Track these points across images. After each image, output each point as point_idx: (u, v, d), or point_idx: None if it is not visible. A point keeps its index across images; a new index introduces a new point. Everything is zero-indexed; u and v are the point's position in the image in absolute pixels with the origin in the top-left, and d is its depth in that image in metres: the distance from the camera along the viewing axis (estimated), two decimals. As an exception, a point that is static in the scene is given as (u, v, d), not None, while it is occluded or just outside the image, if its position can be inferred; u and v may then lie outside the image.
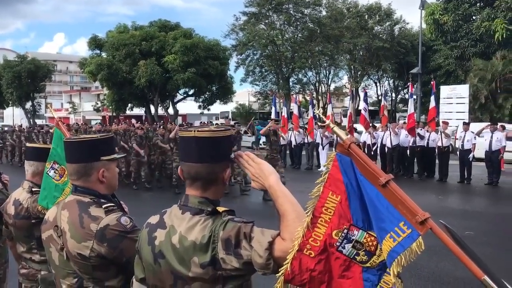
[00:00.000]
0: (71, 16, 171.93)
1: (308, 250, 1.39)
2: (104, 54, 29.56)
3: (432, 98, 14.28)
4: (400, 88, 42.98)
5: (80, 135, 2.42)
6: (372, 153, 15.12)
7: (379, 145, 14.96)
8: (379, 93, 42.68)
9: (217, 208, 1.53)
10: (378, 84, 44.15)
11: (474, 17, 14.08)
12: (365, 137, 15.33)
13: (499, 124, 14.33)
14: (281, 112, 19.00)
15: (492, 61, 25.19)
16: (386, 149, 14.60)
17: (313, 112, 15.99)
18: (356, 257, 1.38)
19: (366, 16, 38.00)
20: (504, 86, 26.48)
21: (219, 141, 1.57)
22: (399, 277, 1.31)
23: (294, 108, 18.15)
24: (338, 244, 1.39)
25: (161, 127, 14.10)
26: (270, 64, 39.02)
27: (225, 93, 30.93)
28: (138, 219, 1.95)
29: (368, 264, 1.38)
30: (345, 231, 1.39)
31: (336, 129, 1.42)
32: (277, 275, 1.40)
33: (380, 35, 37.98)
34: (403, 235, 1.27)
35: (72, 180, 2.06)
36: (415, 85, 22.66)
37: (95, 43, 30.04)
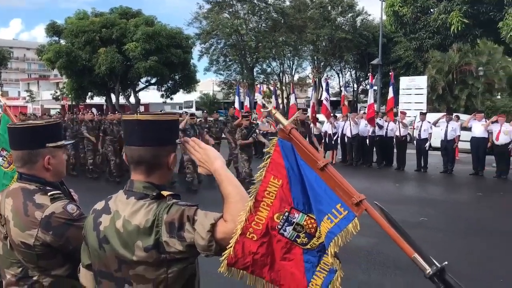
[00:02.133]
0: (28, 1, 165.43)
1: (251, 234, 1.41)
2: (62, 41, 28.62)
3: (391, 88, 14.61)
4: (361, 79, 43.78)
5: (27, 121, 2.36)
6: (333, 142, 15.39)
7: (339, 134, 15.22)
8: (341, 83, 43.32)
9: (162, 192, 1.53)
10: (340, 75, 44.84)
11: (431, 10, 14.41)
12: (326, 127, 15.54)
13: (454, 114, 14.84)
14: (245, 102, 18.99)
15: (449, 53, 26.04)
16: (346, 138, 14.87)
17: (259, 100, 16.14)
18: (297, 239, 1.42)
19: (329, 7, 38.38)
20: (460, 77, 27.46)
21: (162, 125, 1.58)
22: (337, 258, 1.36)
23: (258, 98, 18.21)
24: (279, 227, 1.42)
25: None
26: (234, 54, 38.89)
27: (189, 82, 30.58)
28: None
29: (308, 246, 1.42)
30: (286, 214, 1.42)
31: (277, 115, 1.44)
32: (220, 259, 1.42)
33: (343, 27, 38.46)
34: (340, 216, 1.31)
35: (17, 167, 2.01)
36: (375, 76, 23.13)
37: (53, 29, 29.03)
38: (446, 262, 1.17)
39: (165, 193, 1.53)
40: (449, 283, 1.14)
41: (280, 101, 37.27)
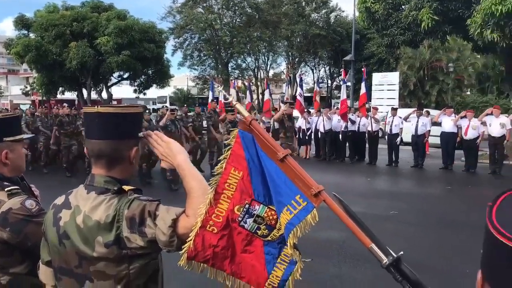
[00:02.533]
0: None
1: (211, 226, 1.40)
2: (32, 35, 27.89)
3: (363, 84, 14.78)
4: (335, 75, 44.12)
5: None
6: (307, 137, 15.50)
7: (313, 130, 15.34)
8: (316, 79, 43.59)
9: (123, 187, 1.51)
10: (315, 70, 45.08)
11: (403, 7, 14.62)
12: (300, 122, 15.63)
13: (425, 109, 15.13)
14: (219, 97, 18.89)
15: (420, 50, 26.49)
16: (320, 134, 14.99)
17: (217, 93, 16.18)
18: (257, 231, 1.42)
19: (303, 3, 38.49)
20: (431, 73, 27.99)
21: (123, 117, 1.55)
22: (297, 249, 1.36)
23: (233, 93, 18.14)
24: (240, 219, 1.41)
25: None
26: (209, 49, 38.64)
27: (162, 77, 30.23)
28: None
29: (269, 238, 1.42)
30: (247, 206, 1.41)
31: (238, 106, 1.43)
32: (180, 252, 1.40)
33: (317, 23, 38.63)
34: (299, 207, 1.31)
35: (-27, 163, 1.94)
36: (348, 72, 23.35)
37: (22, 22, 28.23)
38: (402, 252, 1.18)
39: (126, 187, 1.50)
40: (405, 272, 1.16)
41: (255, 96, 37.31)
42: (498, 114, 12.02)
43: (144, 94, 32.04)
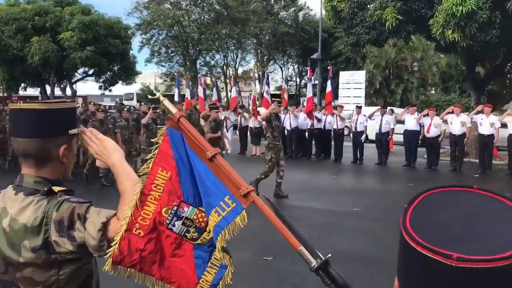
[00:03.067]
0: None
1: (137, 230, 1.33)
2: (-9, 29, 26.95)
3: (329, 82, 14.89)
4: (304, 73, 44.37)
5: None
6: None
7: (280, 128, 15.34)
8: (284, 78, 43.77)
9: (53, 187, 1.42)
10: (283, 68, 45.24)
11: (368, 6, 14.77)
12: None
13: (389, 108, 15.38)
14: (186, 94, 18.68)
15: (386, 49, 26.94)
16: (286, 131, 15.01)
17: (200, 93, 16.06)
18: (186, 234, 1.35)
19: (272, 1, 38.53)
20: (396, 72, 28.52)
21: (49, 114, 1.45)
22: (227, 252, 1.30)
23: (200, 90, 17.96)
24: (168, 222, 1.35)
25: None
26: (177, 45, 38.23)
27: (128, 74, 29.74)
28: None
29: (199, 241, 1.35)
30: (175, 208, 1.35)
31: (165, 102, 1.36)
32: (105, 257, 1.32)
33: (285, 21, 38.75)
34: (228, 209, 1.26)
35: None
36: (315, 70, 23.52)
37: (-20, 16, 27.27)
38: (329, 255, 1.14)
39: (56, 188, 1.42)
40: (333, 275, 1.12)
41: (224, 94, 37.12)
42: (458, 112, 12.31)
43: (110, 90, 31.45)
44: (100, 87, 31.01)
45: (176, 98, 17.73)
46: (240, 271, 5.21)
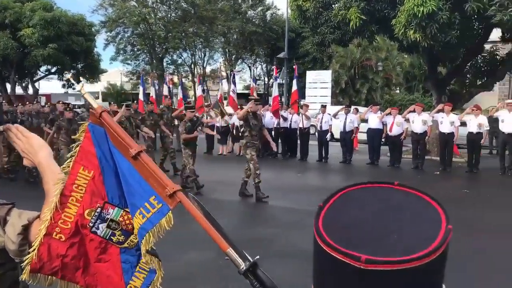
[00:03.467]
0: None
1: (58, 234, 1.24)
2: None
3: (295, 81, 14.95)
4: (272, 73, 44.48)
5: None
6: (240, 134, 15.42)
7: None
8: (253, 77, 43.78)
9: None
10: (252, 68, 45.20)
11: (333, 5, 14.88)
12: (234, 119, 15.54)
13: (353, 107, 15.56)
14: (151, 93, 18.40)
15: (351, 49, 27.27)
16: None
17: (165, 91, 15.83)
18: (112, 237, 1.27)
19: (240, 0, 38.45)
20: (361, 72, 28.92)
21: None
22: (156, 256, 1.23)
23: (165, 89, 17.71)
24: (91, 224, 1.26)
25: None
26: (143, 43, 37.59)
27: (92, 72, 29.10)
28: None
29: (125, 245, 1.28)
30: (99, 210, 1.26)
31: (87, 96, 1.27)
32: (22, 265, 1.23)
33: (253, 20, 38.74)
34: (153, 210, 1.18)
35: None
36: (282, 70, 23.59)
37: None
38: (258, 257, 1.08)
39: None
40: (261, 278, 1.06)
41: (192, 92, 36.74)
42: (420, 111, 12.55)
43: (74, 89, 30.69)
44: (63, 86, 30.22)
45: (141, 97, 17.43)
46: (203, 272, 5.11)
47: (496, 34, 14.69)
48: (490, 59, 15.25)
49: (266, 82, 44.52)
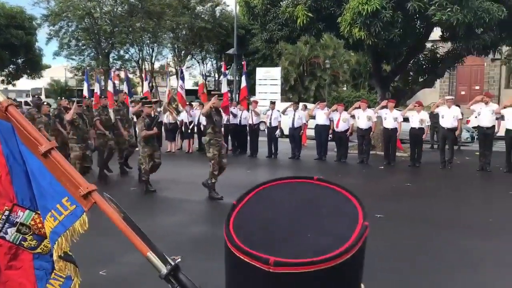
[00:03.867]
0: None
1: None
2: None
3: (243, 78, 14.91)
4: (222, 69, 44.31)
5: None
6: (190, 131, 15.26)
7: (195, 123, 15.12)
8: (203, 73, 43.50)
9: None
10: (201, 64, 44.83)
11: (280, 2, 14.95)
12: (182, 116, 15.34)
13: (302, 103, 15.75)
14: (95, 89, 17.78)
15: (300, 46, 27.59)
16: (202, 127, 14.82)
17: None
18: (23, 242, 1.17)
19: (188, -5, 37.96)
20: (309, 69, 29.33)
21: None
22: (71, 261, 1.14)
23: (110, 85, 17.18)
24: None
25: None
26: (88, 38, 36.34)
27: (33, 67, 27.85)
28: None
29: (39, 250, 1.18)
30: (7, 212, 1.15)
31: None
32: None
33: (202, 16, 38.35)
34: (65, 212, 1.09)
35: None
36: (231, 66, 23.53)
37: None
38: (179, 259, 1.02)
39: None
40: (183, 282, 1.00)
41: (140, 89, 35.89)
42: (365, 107, 12.87)
43: (13, 85, 29.25)
44: (2, 81, 28.72)
45: (85, 93, 16.83)
46: (146, 273, 4.96)
47: (437, 33, 15.32)
48: (431, 57, 15.86)
49: (216, 79, 44.27)
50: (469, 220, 6.96)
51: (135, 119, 12.27)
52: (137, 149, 9.84)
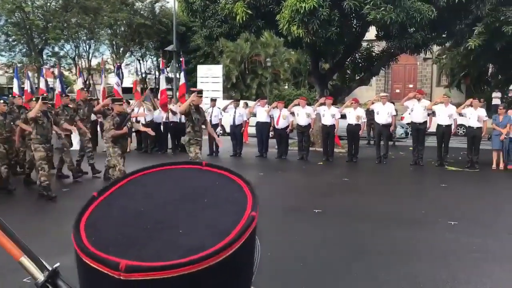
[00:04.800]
0: None
1: None
2: None
3: (182, 75, 14.67)
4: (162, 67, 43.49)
5: None
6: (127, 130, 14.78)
7: (134, 121, 14.66)
8: (143, 70, 42.59)
9: None
10: (141, 61, 43.78)
11: (220, -1, 14.85)
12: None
13: (242, 101, 15.72)
14: (25, 86, 16.86)
15: (241, 44, 27.60)
16: (141, 125, 14.41)
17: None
18: None
19: (127, -9, 36.91)
20: (251, 67, 29.42)
21: None
22: None
23: (42, 82, 16.34)
24: None
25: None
26: (19, 33, 34.41)
27: (-44, 64, 25.97)
28: None
29: None
30: None
31: None
32: None
33: (142, 12, 37.45)
34: None
35: None
36: (171, 63, 23.13)
37: None
38: (58, 264, 0.88)
39: None
40: (62, 288, 0.87)
41: (76, 87, 34.41)
42: (304, 105, 13.01)
43: None
44: None
45: (15, 91, 15.95)
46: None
47: (373, 32, 15.77)
48: (367, 55, 16.33)
49: (157, 76, 43.40)
50: (403, 213, 7.18)
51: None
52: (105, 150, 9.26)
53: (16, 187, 8.78)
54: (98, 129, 14.08)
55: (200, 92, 8.44)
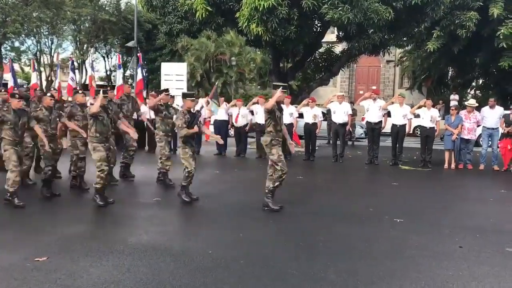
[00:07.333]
0: None
1: None
2: None
3: (139, 70, 14.43)
4: (128, 63, 42.84)
5: None
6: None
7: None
8: (107, 67, 41.91)
9: None
10: (106, 58, 42.99)
11: (180, -5, 14.66)
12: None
13: (203, 99, 15.55)
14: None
15: (206, 42, 27.41)
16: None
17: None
18: None
19: (91, -15, 36.11)
20: (216, 66, 29.27)
21: None
22: None
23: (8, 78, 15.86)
24: None
25: None
26: (-25, 27, 33.18)
27: None
28: None
29: None
30: None
31: None
32: None
33: (106, 8, 36.75)
34: None
35: None
36: (131, 59, 22.75)
37: None
38: None
39: None
40: None
41: (39, 82, 33.41)
42: (262, 103, 12.95)
43: None
44: None
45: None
46: (7, 278, 4.43)
47: (335, 33, 15.95)
48: (327, 56, 16.47)
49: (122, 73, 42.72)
50: (351, 210, 7.22)
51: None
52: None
53: (60, 192, 7.95)
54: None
55: (285, 87, 7.18)
